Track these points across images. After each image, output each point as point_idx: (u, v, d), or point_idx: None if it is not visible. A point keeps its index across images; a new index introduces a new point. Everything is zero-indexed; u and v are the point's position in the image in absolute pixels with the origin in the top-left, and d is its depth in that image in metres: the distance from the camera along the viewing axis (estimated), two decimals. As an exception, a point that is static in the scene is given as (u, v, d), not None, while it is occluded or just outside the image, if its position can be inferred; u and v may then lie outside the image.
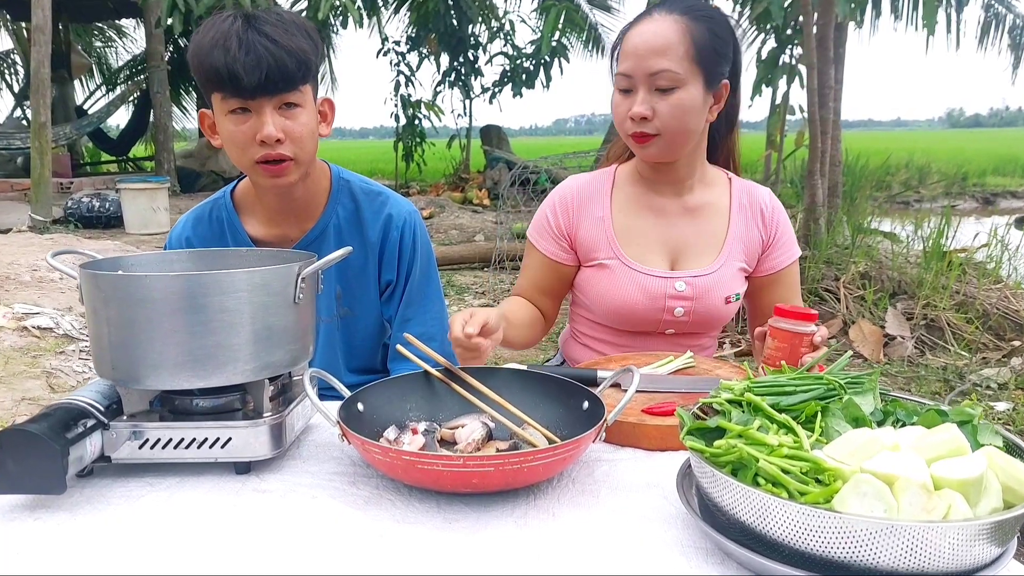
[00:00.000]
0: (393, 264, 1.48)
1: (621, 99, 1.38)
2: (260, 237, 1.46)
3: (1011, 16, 8.83)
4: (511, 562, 0.79)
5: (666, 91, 1.33)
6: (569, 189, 1.53)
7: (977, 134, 59.99)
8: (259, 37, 1.22)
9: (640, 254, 1.47)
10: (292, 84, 1.26)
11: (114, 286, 0.95)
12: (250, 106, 1.26)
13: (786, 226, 1.54)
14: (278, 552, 0.81)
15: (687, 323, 1.47)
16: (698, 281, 1.45)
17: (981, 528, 0.65)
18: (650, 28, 1.33)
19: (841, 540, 0.66)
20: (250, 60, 1.20)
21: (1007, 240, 4.96)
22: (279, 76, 1.23)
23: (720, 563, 0.77)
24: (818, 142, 4.86)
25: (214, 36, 1.23)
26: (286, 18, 1.28)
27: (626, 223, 1.49)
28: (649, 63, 1.31)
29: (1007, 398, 3.29)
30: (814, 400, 0.85)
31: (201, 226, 1.47)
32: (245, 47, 1.20)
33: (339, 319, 1.50)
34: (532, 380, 1.15)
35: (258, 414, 1.01)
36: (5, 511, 0.91)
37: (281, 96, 1.26)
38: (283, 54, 1.23)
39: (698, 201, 1.50)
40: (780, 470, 0.72)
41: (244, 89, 1.23)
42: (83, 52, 16.02)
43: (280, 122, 1.27)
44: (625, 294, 1.45)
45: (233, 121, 1.27)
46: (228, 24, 1.23)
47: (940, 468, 0.70)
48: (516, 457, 0.87)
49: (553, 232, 1.52)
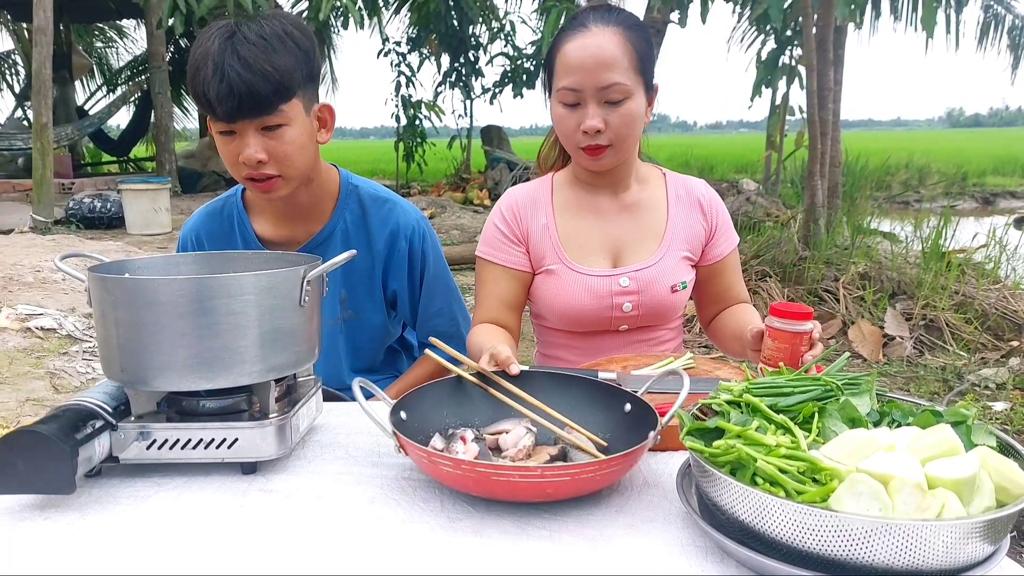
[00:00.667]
0: (402, 275, 1.50)
1: (567, 113, 1.39)
2: (268, 237, 1.48)
3: (1010, 16, 8.84)
4: (513, 561, 0.80)
5: (616, 103, 1.36)
6: (512, 198, 1.55)
7: (977, 134, 59.96)
8: (234, 62, 1.21)
9: (583, 256, 1.50)
10: (269, 107, 1.25)
11: (123, 290, 0.96)
12: (233, 128, 1.28)
13: (725, 214, 1.59)
14: (284, 551, 0.83)
15: (638, 317, 1.50)
16: (641, 274, 1.49)
17: (974, 526, 0.67)
18: (593, 42, 1.34)
19: (837, 538, 0.68)
20: (223, 88, 1.21)
21: (1006, 240, 4.97)
22: (252, 103, 1.23)
23: (719, 562, 0.79)
24: (817, 143, 4.88)
25: (197, 58, 1.24)
26: (269, 31, 1.26)
27: (568, 228, 1.52)
28: (599, 77, 1.34)
29: (1005, 398, 3.30)
30: (811, 401, 0.86)
31: (212, 222, 1.50)
32: (219, 74, 1.21)
33: (343, 322, 1.52)
34: (567, 383, 1.13)
35: (264, 415, 1.02)
36: (15, 511, 0.92)
37: (261, 119, 1.26)
38: (256, 79, 1.22)
39: (635, 198, 1.54)
40: (778, 470, 0.73)
41: (219, 115, 1.25)
42: (84, 53, 16.04)
43: (263, 143, 1.28)
44: (572, 297, 1.47)
45: (221, 141, 1.31)
46: (208, 44, 1.23)
47: (934, 468, 0.71)
48: (592, 466, 0.86)
49: (508, 240, 1.53)
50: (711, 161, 17.20)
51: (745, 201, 7.20)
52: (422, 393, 1.09)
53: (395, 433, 0.93)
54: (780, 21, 4.12)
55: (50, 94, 7.74)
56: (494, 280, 1.53)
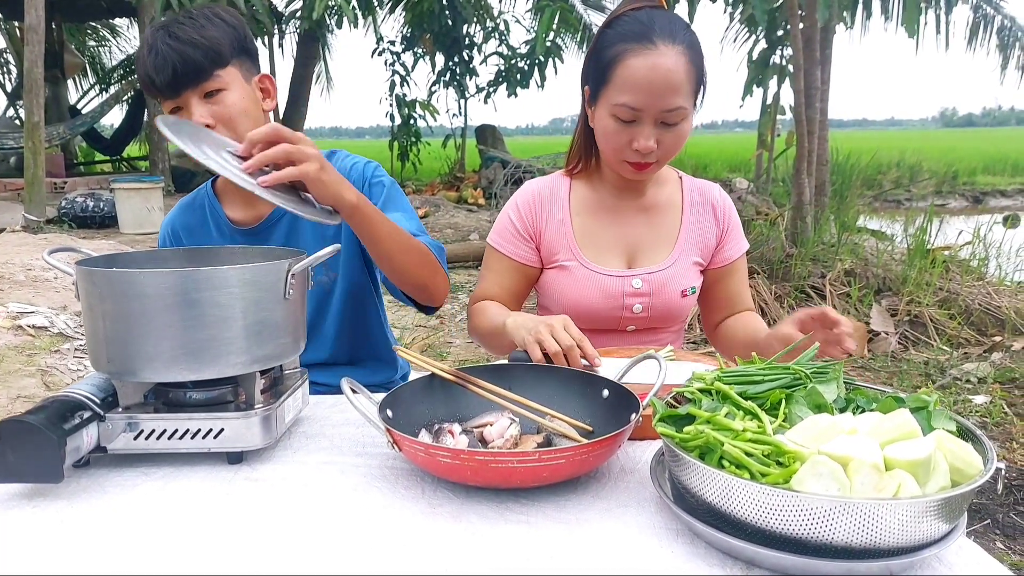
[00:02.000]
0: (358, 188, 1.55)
1: (620, 127, 1.36)
2: (238, 219, 1.55)
3: (999, 17, 8.91)
4: (492, 544, 0.82)
5: (672, 124, 1.35)
6: (529, 192, 1.56)
7: (969, 133, 60.30)
8: (167, 39, 1.33)
9: (597, 255, 1.51)
10: (203, 72, 1.35)
11: (109, 282, 0.98)
12: (179, 103, 1.37)
13: (736, 220, 1.60)
14: (270, 537, 0.85)
15: (647, 319, 1.52)
16: (653, 277, 1.50)
17: (928, 505, 0.70)
18: (663, 63, 1.30)
19: (798, 517, 0.70)
20: (158, 62, 1.32)
21: (990, 239, 5.03)
22: (188, 69, 1.33)
23: (689, 542, 0.81)
24: (805, 142, 4.92)
25: (139, 53, 1.37)
26: (197, 13, 1.38)
27: (584, 225, 1.53)
28: (664, 100, 1.31)
29: (986, 392, 3.35)
30: (780, 388, 0.89)
31: (186, 215, 1.58)
32: (154, 52, 1.33)
33: (330, 283, 1.56)
34: (543, 374, 1.16)
35: (249, 406, 1.04)
36: (3, 499, 0.94)
37: (201, 87, 1.35)
38: (187, 49, 1.33)
39: (652, 200, 1.55)
40: (744, 453, 0.76)
41: (162, 90, 1.35)
42: (76, 51, 15.99)
43: (207, 109, 1.36)
44: (584, 294, 1.49)
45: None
46: (146, 37, 1.36)
47: (892, 450, 0.74)
48: (585, 448, 0.89)
49: (519, 235, 1.55)
50: (705, 160, 17.26)
51: (737, 200, 7.25)
52: (404, 392, 1.11)
53: (388, 430, 0.95)
54: (765, 22, 4.16)
55: (42, 93, 7.74)
56: (501, 269, 1.56)
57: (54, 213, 8.22)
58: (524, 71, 12.02)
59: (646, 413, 0.99)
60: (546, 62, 11.61)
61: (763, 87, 6.62)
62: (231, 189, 1.55)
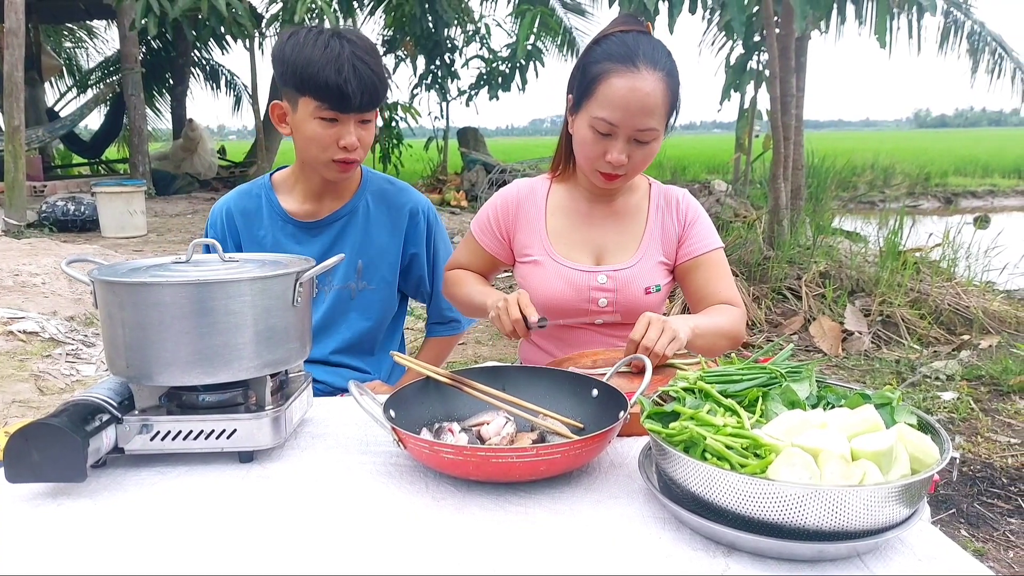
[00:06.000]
0: (420, 242, 1.77)
1: (596, 138, 1.48)
2: (293, 211, 1.71)
3: (969, 22, 9.12)
4: (493, 533, 0.89)
5: (644, 143, 1.47)
6: (511, 193, 1.70)
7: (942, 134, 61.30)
8: (363, 65, 1.48)
9: (568, 251, 1.63)
10: (376, 104, 1.55)
11: (129, 292, 1.03)
12: (340, 117, 1.52)
13: (700, 218, 1.67)
14: (284, 532, 0.91)
15: (613, 313, 1.62)
16: (618, 275, 1.61)
17: (891, 491, 0.78)
18: (643, 87, 1.41)
19: (774, 504, 0.78)
20: (359, 84, 1.48)
21: (959, 241, 5.19)
22: (372, 98, 1.52)
23: (675, 529, 0.89)
24: (781, 147, 5.04)
25: (325, 54, 1.47)
26: (371, 45, 1.54)
27: (557, 225, 1.66)
28: (639, 120, 1.43)
29: (954, 388, 3.48)
30: (757, 387, 0.97)
31: (242, 200, 1.74)
32: (356, 73, 1.47)
33: (357, 292, 1.72)
34: (535, 375, 1.24)
35: (260, 407, 1.10)
36: (29, 498, 0.99)
37: (364, 113, 1.55)
38: (378, 81, 1.51)
39: (621, 206, 1.66)
40: (724, 446, 0.83)
41: (348, 106, 1.49)
42: (53, 53, 15.81)
43: (359, 132, 1.56)
44: (554, 286, 1.60)
45: (320, 125, 1.53)
46: (337, 46, 1.48)
47: (858, 442, 0.82)
48: (579, 443, 0.96)
49: (493, 231, 1.70)
50: (684, 162, 17.39)
51: (715, 202, 7.37)
52: (406, 394, 1.17)
53: (394, 428, 1.01)
54: (742, 32, 4.27)
55: (23, 97, 7.67)
56: (473, 251, 1.73)
57: (34, 217, 8.13)
58: (505, 74, 12.07)
59: (633, 411, 1.06)
60: (527, 65, 11.67)
61: (740, 92, 6.75)
62: (292, 185, 1.73)
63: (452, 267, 1.77)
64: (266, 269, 1.12)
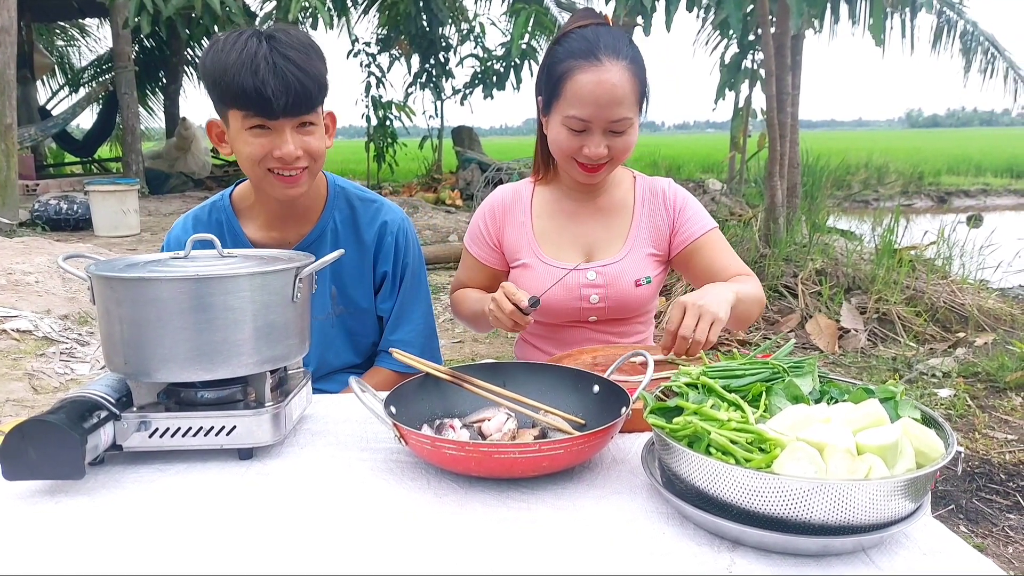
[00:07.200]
0: (389, 259, 1.60)
1: (571, 136, 1.48)
2: (258, 240, 1.54)
3: (961, 22, 9.14)
4: (495, 530, 0.89)
5: (619, 133, 1.47)
6: (496, 200, 1.70)
7: (934, 134, 61.59)
8: (285, 62, 1.31)
9: (556, 252, 1.63)
10: (312, 106, 1.37)
11: (126, 287, 1.02)
12: (270, 125, 1.36)
13: (689, 203, 1.66)
14: (284, 529, 0.90)
15: (605, 309, 1.62)
16: (607, 269, 1.61)
17: (896, 485, 0.77)
18: (608, 79, 1.41)
19: (780, 498, 0.78)
20: (279, 85, 1.30)
21: (953, 239, 5.22)
22: (303, 100, 1.34)
23: (679, 524, 0.88)
24: (777, 145, 5.05)
25: (240, 57, 1.30)
26: (303, 41, 1.36)
27: (544, 226, 1.66)
28: (611, 112, 1.43)
29: (950, 385, 3.49)
30: (760, 382, 0.97)
31: (200, 227, 1.54)
32: (275, 72, 1.30)
33: (335, 317, 1.60)
34: (536, 371, 1.23)
35: (260, 404, 1.09)
36: (26, 496, 0.98)
37: (300, 117, 1.37)
38: (307, 79, 1.33)
39: (606, 202, 1.66)
40: (729, 441, 0.83)
41: (271, 111, 1.32)
42: (45, 51, 15.72)
43: (298, 140, 1.38)
44: (544, 287, 1.58)
45: (253, 135, 1.37)
46: (254, 46, 1.31)
47: (863, 436, 0.82)
48: (581, 438, 0.96)
49: (485, 240, 1.69)
50: (678, 161, 17.43)
51: (710, 201, 7.38)
52: (406, 390, 1.16)
53: (395, 424, 1.00)
54: (739, 29, 4.27)
55: (15, 95, 7.62)
56: (471, 266, 1.73)
57: (27, 216, 8.08)
58: (500, 73, 12.07)
59: (636, 408, 1.06)
60: (521, 64, 11.67)
61: (735, 91, 6.77)
62: (252, 206, 1.54)
63: (456, 288, 1.76)
64: (265, 264, 1.11)
